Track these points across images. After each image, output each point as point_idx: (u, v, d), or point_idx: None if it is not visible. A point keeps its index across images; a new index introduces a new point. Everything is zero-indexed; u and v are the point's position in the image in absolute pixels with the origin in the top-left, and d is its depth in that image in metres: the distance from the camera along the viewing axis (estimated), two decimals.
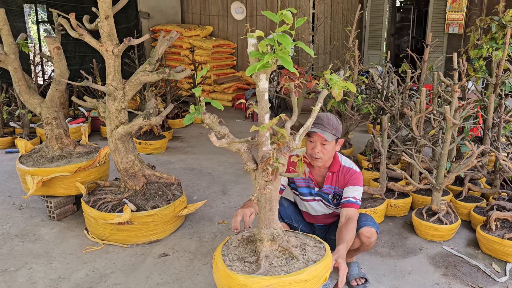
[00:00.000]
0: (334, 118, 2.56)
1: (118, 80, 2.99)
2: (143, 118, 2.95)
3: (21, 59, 6.29)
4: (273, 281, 1.83)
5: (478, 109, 4.02)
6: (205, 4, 9.47)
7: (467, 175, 3.82)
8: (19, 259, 2.94)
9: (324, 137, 2.45)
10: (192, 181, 4.46)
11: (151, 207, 3.13)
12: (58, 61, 3.44)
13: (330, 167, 2.64)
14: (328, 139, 2.46)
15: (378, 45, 10.45)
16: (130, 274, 2.77)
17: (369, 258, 2.98)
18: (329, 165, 2.64)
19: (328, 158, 2.57)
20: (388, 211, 3.61)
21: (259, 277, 1.85)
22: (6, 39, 3.48)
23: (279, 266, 1.94)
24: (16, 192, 4.04)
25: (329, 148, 2.52)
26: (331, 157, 2.60)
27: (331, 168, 2.64)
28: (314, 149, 2.52)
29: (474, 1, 9.00)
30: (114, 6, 2.96)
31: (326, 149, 2.51)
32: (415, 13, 13.10)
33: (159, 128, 5.63)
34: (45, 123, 3.57)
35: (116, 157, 3.17)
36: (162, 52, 3.12)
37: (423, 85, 4.58)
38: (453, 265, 2.90)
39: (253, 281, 1.83)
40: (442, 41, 9.38)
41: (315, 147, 2.51)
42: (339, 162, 2.65)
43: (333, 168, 2.63)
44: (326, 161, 2.58)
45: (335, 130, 2.51)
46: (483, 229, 3.07)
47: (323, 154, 2.52)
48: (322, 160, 2.55)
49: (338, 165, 2.64)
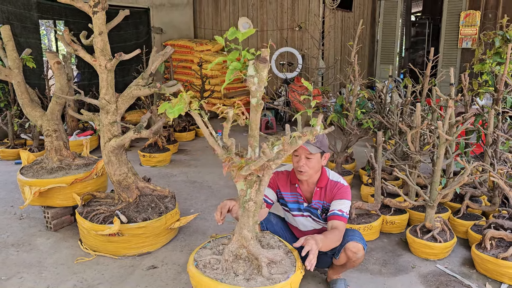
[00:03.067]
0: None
1: (111, 94, 3.06)
2: (134, 131, 3.01)
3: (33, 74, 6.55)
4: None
5: (479, 126, 3.94)
6: (217, 19, 9.64)
7: (468, 192, 3.73)
8: (12, 268, 3.00)
9: (307, 149, 2.46)
10: (191, 194, 4.49)
11: (142, 219, 3.16)
12: (59, 75, 3.54)
13: (318, 182, 2.63)
14: (312, 151, 2.46)
15: (391, 59, 10.40)
16: (117, 286, 2.79)
17: (358, 275, 2.93)
18: (316, 180, 2.63)
19: (313, 172, 2.56)
20: (383, 227, 3.55)
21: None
22: (11, 54, 3.61)
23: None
24: (19, 202, 4.14)
25: (313, 161, 2.52)
26: (316, 171, 2.58)
27: (319, 183, 2.62)
28: (298, 162, 2.53)
29: (488, 16, 8.90)
30: (109, 23, 3.04)
31: (311, 162, 2.51)
32: (431, 28, 13.00)
33: (164, 141, 5.70)
34: (46, 135, 3.66)
35: (110, 169, 3.22)
36: (156, 67, 3.18)
37: (425, 100, 4.53)
38: (445, 284, 2.82)
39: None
40: (455, 56, 9.29)
41: (300, 160, 2.52)
42: (326, 177, 2.64)
43: (321, 183, 2.62)
44: (311, 175, 2.57)
45: (320, 143, 2.51)
46: (478, 248, 2.99)
47: (308, 168, 2.52)
48: (307, 174, 2.54)
49: (326, 180, 2.63)
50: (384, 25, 10.49)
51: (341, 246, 2.52)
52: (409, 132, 3.41)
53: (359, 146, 5.77)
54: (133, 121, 7.34)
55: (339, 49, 9.45)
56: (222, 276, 1.99)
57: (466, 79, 4.16)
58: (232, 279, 1.98)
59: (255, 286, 1.90)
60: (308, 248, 2.13)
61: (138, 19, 8.81)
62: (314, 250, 2.13)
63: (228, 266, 2.05)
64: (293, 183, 2.67)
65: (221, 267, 2.06)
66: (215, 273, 2.02)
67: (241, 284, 1.93)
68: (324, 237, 2.28)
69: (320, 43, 5.58)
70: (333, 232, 2.41)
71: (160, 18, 9.19)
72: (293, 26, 8.67)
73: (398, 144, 4.08)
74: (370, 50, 10.78)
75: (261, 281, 1.96)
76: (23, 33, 6.78)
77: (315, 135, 1.88)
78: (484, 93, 4.53)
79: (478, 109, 4.22)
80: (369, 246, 3.31)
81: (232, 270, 2.03)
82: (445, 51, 9.41)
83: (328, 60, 9.00)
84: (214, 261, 2.10)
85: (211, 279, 1.96)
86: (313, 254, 2.11)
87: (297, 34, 8.69)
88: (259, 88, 1.89)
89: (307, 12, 8.49)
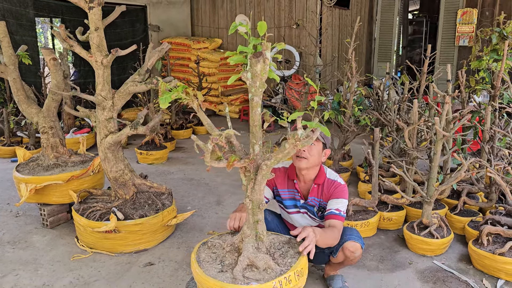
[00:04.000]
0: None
1: (107, 90, 3.05)
2: (130, 127, 2.99)
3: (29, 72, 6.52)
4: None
5: (476, 122, 3.95)
6: (214, 17, 9.61)
7: (465, 189, 3.73)
8: (8, 265, 2.99)
9: None
10: (188, 191, 4.48)
11: (139, 216, 3.15)
12: (54, 71, 3.52)
13: (316, 179, 2.59)
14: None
15: (388, 57, 10.39)
16: (114, 283, 2.78)
17: (356, 271, 2.93)
18: (314, 176, 2.59)
19: (312, 162, 2.50)
20: (381, 224, 3.55)
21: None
22: (6, 50, 3.58)
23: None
24: (15, 200, 4.12)
25: (314, 150, 2.47)
26: (316, 164, 2.53)
27: (317, 180, 2.59)
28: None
29: (485, 13, 8.91)
30: (105, 19, 3.02)
31: (312, 149, 2.46)
32: (428, 26, 13.01)
33: (161, 139, 5.69)
34: (42, 132, 3.64)
35: (106, 166, 3.21)
36: (152, 63, 3.17)
37: (422, 97, 4.53)
38: (442, 280, 2.83)
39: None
40: (452, 53, 9.29)
41: None
42: (324, 175, 2.60)
43: (318, 180, 2.59)
44: (310, 166, 2.51)
45: (322, 134, 2.46)
46: (474, 244, 2.99)
47: (309, 154, 2.46)
48: (307, 162, 2.48)
49: (323, 178, 2.59)
50: (382, 23, 10.48)
51: (339, 245, 2.50)
52: (406, 129, 3.41)
53: (356, 143, 5.77)
54: (130, 119, 7.32)
55: (336, 47, 9.44)
56: (208, 266, 2.07)
57: (463, 76, 4.16)
58: (213, 266, 2.08)
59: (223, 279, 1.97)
60: (305, 235, 2.13)
61: (135, 17, 8.77)
62: (311, 237, 2.12)
63: (221, 254, 2.14)
64: (291, 178, 2.64)
65: (217, 255, 2.16)
66: (210, 259, 2.14)
67: (211, 273, 2.01)
68: (322, 231, 2.27)
69: (317, 40, 5.56)
70: (331, 229, 2.38)
71: (157, 15, 9.16)
72: (291, 24, 8.66)
73: (395, 140, 4.09)
74: (368, 48, 10.78)
75: (228, 276, 1.99)
76: (18, 30, 6.74)
77: (296, 139, 1.87)
78: (481, 90, 4.53)
79: (475, 106, 4.22)
80: (367, 243, 3.31)
81: (219, 258, 2.13)
82: (442, 49, 9.41)
83: (326, 58, 8.99)
84: (214, 251, 2.21)
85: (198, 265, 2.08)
86: (309, 241, 2.11)
87: (294, 32, 8.67)
88: (253, 84, 1.88)
89: (304, 10, 8.48)
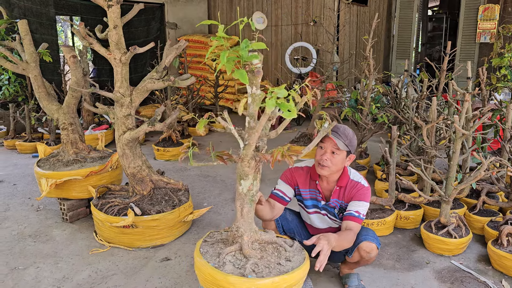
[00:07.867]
0: (351, 131, 2.48)
1: (125, 87, 3.09)
2: (148, 124, 3.03)
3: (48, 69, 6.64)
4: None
5: (497, 121, 3.87)
6: (231, 14, 9.63)
7: (484, 188, 3.67)
8: (29, 258, 3.06)
9: (336, 142, 2.37)
10: (204, 188, 4.51)
11: (156, 211, 3.19)
12: (74, 69, 3.58)
13: (339, 180, 2.54)
14: (340, 146, 2.38)
15: (407, 54, 10.26)
16: (131, 277, 2.83)
17: (372, 270, 2.91)
18: (337, 178, 2.55)
19: (335, 170, 2.47)
20: (398, 223, 3.52)
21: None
22: (28, 48, 3.66)
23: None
24: (36, 194, 4.22)
25: (338, 158, 2.42)
26: (338, 170, 2.49)
27: (339, 182, 2.54)
28: (323, 156, 2.42)
29: (507, 9, 8.70)
30: (124, 17, 3.06)
31: (335, 158, 2.42)
32: (448, 22, 12.78)
33: (178, 136, 5.74)
34: (62, 129, 3.71)
35: (124, 162, 3.26)
36: (170, 60, 3.20)
37: (441, 95, 4.46)
38: (460, 280, 2.79)
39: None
40: (473, 50, 9.11)
41: (325, 153, 2.42)
42: (347, 176, 2.55)
43: (341, 182, 2.53)
44: (332, 173, 2.48)
45: (349, 142, 2.42)
46: (494, 244, 2.94)
47: (331, 163, 2.42)
48: (329, 170, 2.44)
49: (347, 179, 2.54)
50: (400, 20, 10.34)
51: (354, 246, 2.48)
52: (425, 127, 3.37)
53: (373, 141, 5.73)
54: (148, 116, 7.40)
55: (354, 44, 9.36)
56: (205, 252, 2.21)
57: (484, 73, 4.08)
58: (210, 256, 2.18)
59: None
60: (319, 249, 2.09)
61: (151, 15, 8.85)
62: (326, 250, 2.09)
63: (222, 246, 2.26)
64: (314, 179, 2.59)
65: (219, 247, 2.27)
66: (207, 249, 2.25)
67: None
68: (338, 237, 2.24)
69: (334, 37, 5.52)
70: (347, 233, 2.36)
71: (175, 13, 9.23)
72: (308, 21, 8.62)
73: (413, 139, 4.04)
74: (386, 45, 10.66)
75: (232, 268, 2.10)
76: (39, 29, 6.88)
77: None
78: (503, 88, 4.44)
79: (496, 104, 4.14)
80: (383, 241, 3.28)
81: (218, 247, 2.24)
82: (462, 46, 9.24)
83: (343, 55, 8.93)
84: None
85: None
86: (324, 255, 2.08)
87: (311, 29, 8.63)
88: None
89: (322, 7, 8.43)
